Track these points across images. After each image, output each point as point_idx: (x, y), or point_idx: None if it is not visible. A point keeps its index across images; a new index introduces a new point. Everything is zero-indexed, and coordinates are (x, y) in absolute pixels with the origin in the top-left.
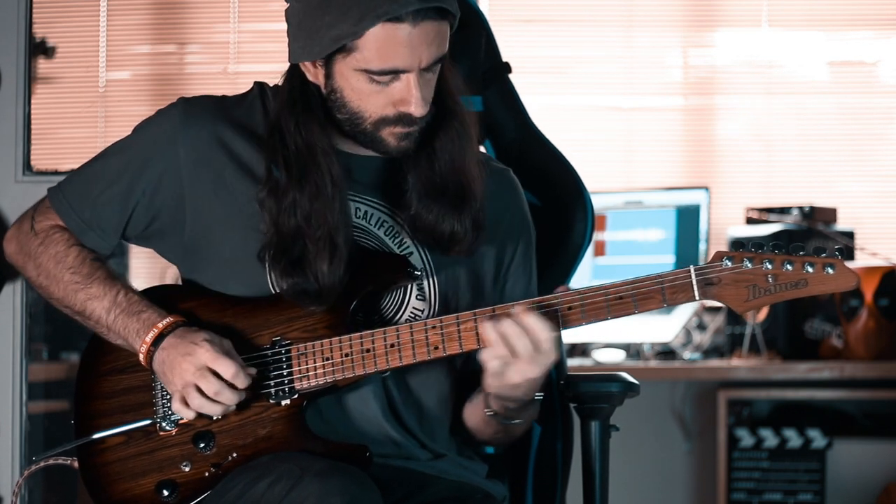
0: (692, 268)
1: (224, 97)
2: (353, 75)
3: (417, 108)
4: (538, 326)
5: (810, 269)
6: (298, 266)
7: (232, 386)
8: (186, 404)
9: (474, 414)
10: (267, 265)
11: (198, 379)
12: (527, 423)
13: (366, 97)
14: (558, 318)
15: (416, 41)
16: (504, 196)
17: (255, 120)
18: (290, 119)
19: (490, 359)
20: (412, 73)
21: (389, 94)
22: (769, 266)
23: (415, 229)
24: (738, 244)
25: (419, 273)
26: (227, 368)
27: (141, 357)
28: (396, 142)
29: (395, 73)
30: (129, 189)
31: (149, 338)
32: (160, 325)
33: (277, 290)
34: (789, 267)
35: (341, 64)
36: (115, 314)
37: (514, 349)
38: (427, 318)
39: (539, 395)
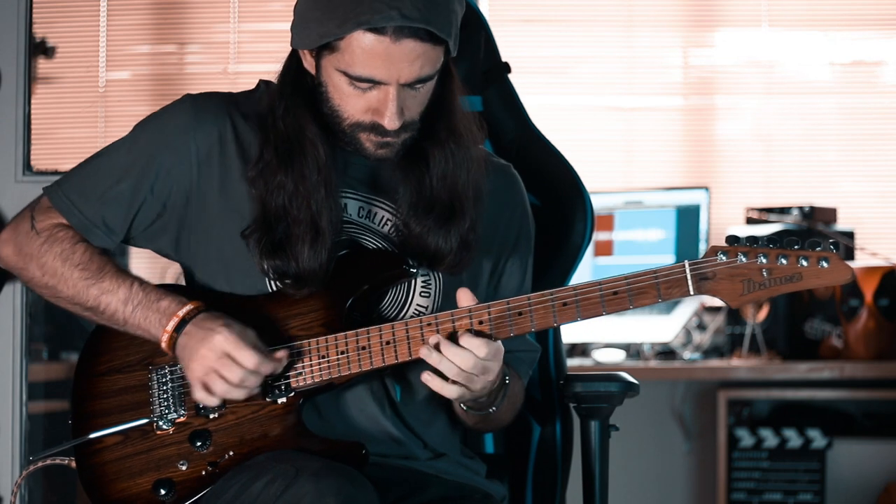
0: (687, 262)
1: (231, 93)
2: (335, 74)
3: (391, 122)
4: (476, 345)
5: (805, 263)
6: (280, 248)
7: (250, 375)
8: (208, 391)
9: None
10: (251, 244)
11: (220, 366)
12: (511, 405)
13: (345, 98)
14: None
15: (396, 56)
16: (504, 192)
17: (263, 113)
18: (280, 102)
19: (450, 387)
20: (391, 86)
21: (367, 100)
22: (764, 260)
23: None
24: (733, 239)
25: (416, 270)
26: (249, 359)
27: (163, 345)
28: (374, 148)
29: (373, 83)
30: (137, 185)
31: (170, 326)
32: (181, 313)
33: (272, 287)
34: (784, 261)
35: (326, 60)
36: (133, 306)
37: (468, 374)
38: (429, 314)
39: (507, 378)
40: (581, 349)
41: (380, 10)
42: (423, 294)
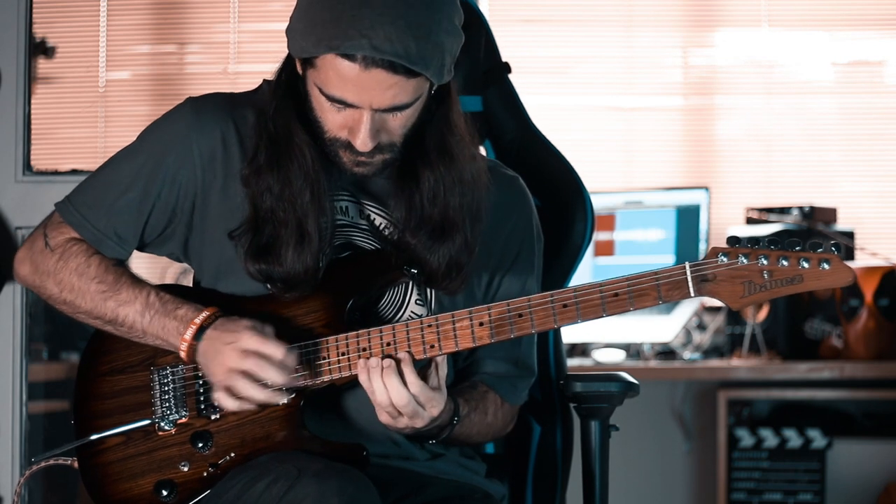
0: (687, 264)
1: (233, 93)
2: (314, 88)
3: (363, 144)
4: (392, 387)
5: (806, 265)
6: (265, 251)
7: (279, 370)
8: (235, 392)
9: None
10: (238, 246)
11: (242, 363)
12: (468, 438)
13: (324, 112)
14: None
15: (367, 84)
16: (508, 205)
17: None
18: (272, 103)
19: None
20: (364, 110)
21: (344, 117)
22: (765, 262)
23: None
24: (734, 240)
25: (416, 271)
26: (276, 350)
27: (182, 354)
28: (351, 165)
29: (346, 105)
30: (144, 192)
31: (188, 334)
32: (198, 320)
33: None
34: (785, 262)
35: (308, 73)
36: (150, 315)
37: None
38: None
39: (456, 419)
40: (581, 349)
41: (351, 38)
42: (418, 302)
